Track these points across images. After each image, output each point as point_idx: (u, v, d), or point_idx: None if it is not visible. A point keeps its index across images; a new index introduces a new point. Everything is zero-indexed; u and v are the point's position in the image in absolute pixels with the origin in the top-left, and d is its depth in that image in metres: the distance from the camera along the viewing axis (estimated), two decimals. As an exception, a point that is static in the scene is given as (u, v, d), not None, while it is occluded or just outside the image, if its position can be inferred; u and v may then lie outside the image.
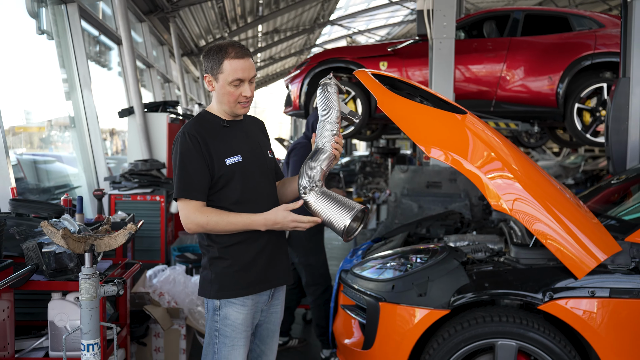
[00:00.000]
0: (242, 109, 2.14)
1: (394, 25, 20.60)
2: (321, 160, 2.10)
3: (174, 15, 11.18)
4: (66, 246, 1.80)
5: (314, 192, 2.03)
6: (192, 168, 2.03)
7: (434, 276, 2.61)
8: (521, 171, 2.54)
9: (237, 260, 2.10)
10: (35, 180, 6.72)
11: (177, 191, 2.04)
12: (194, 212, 2.02)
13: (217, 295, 2.10)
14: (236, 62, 2.05)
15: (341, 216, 1.96)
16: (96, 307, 1.91)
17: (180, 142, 2.06)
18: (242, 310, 2.11)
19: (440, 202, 5.68)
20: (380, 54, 6.45)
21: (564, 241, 2.45)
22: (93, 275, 1.90)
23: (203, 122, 2.13)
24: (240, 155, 2.11)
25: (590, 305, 2.44)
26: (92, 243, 1.89)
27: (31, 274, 2.53)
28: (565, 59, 5.94)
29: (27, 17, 6.41)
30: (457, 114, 2.68)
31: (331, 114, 2.16)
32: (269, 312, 2.27)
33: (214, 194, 2.09)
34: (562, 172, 11.19)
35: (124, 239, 1.98)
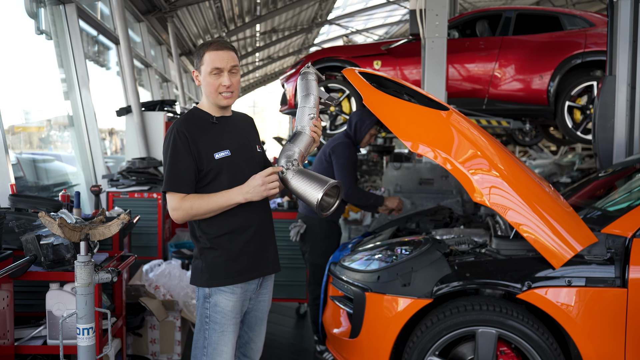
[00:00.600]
0: (224, 99, 2.22)
1: (392, 24, 20.70)
2: (299, 143, 2.23)
3: (172, 15, 11.27)
4: (62, 235, 1.89)
5: (290, 170, 2.16)
6: (180, 163, 2.13)
7: (418, 267, 2.70)
8: (501, 165, 2.64)
9: (227, 250, 2.20)
10: (34, 179, 6.82)
11: (166, 185, 2.14)
12: (180, 201, 2.13)
13: (208, 283, 2.20)
14: (215, 53, 2.17)
15: (314, 190, 2.08)
16: (91, 293, 2.00)
17: (169, 138, 2.17)
18: (232, 298, 2.21)
19: (432, 198, 5.78)
20: (374, 53, 6.54)
21: (542, 233, 2.55)
22: (88, 263, 2.00)
23: (193, 119, 2.23)
24: (228, 150, 2.21)
25: (567, 294, 2.54)
26: (87, 232, 1.98)
27: (29, 265, 2.63)
28: (556, 57, 6.04)
29: (25, 17, 6.51)
30: (441, 111, 2.78)
31: (309, 99, 2.28)
32: (257, 301, 2.37)
33: (203, 187, 2.19)
34: (557, 170, 11.29)
35: (117, 228, 2.08)
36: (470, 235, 3.34)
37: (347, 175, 3.71)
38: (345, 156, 3.75)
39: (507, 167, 2.66)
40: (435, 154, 2.63)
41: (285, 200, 4.97)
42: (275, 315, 4.89)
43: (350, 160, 3.75)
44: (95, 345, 2.05)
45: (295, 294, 4.75)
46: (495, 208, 2.56)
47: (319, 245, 3.84)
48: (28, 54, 6.97)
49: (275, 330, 4.52)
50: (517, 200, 2.59)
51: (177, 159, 2.14)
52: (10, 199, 3.47)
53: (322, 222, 3.83)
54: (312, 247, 3.88)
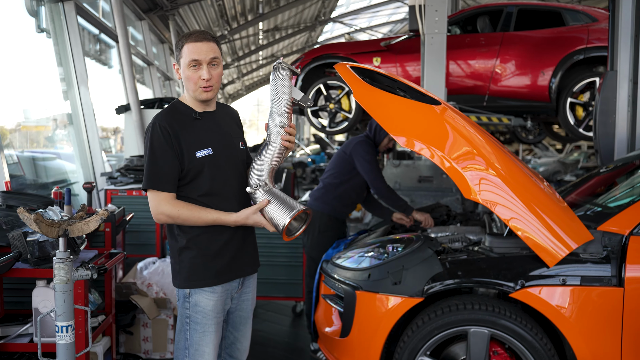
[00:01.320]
0: (204, 93, 2.13)
1: (396, 22, 20.60)
2: (269, 156, 2.14)
3: (174, 13, 11.24)
4: (39, 230, 1.85)
5: (260, 190, 2.10)
6: (162, 160, 2.06)
7: (409, 265, 2.65)
8: (493, 160, 2.58)
9: (204, 250, 2.14)
10: (34, 177, 6.81)
11: (146, 182, 2.07)
12: (165, 203, 2.06)
13: (186, 284, 2.14)
14: (193, 44, 2.08)
15: (282, 215, 2.03)
16: (70, 290, 1.96)
17: (152, 133, 2.09)
18: (212, 297, 2.15)
19: (431, 196, 5.72)
20: (374, 49, 6.48)
21: (536, 230, 2.49)
22: (67, 259, 1.95)
23: (175, 113, 2.15)
24: (210, 148, 2.14)
25: (561, 293, 2.48)
26: (65, 228, 1.94)
27: (15, 261, 2.59)
28: (558, 53, 5.96)
29: (26, 15, 6.50)
30: (433, 105, 2.72)
31: (280, 104, 2.14)
32: (240, 300, 2.31)
33: (183, 185, 2.12)
34: (561, 168, 11.19)
35: (96, 224, 2.04)
36: (466, 233, 3.28)
37: (374, 174, 3.72)
38: (371, 155, 3.76)
39: (499, 162, 2.60)
40: (426, 149, 2.57)
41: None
42: (271, 314, 4.85)
43: (374, 158, 3.77)
44: (74, 344, 2.00)
45: (292, 292, 4.70)
46: (487, 204, 2.50)
47: (317, 238, 3.84)
48: (28, 52, 6.97)
49: (271, 329, 4.48)
50: (510, 196, 2.53)
51: (159, 154, 2.07)
52: (1, 196, 3.44)
53: (324, 216, 3.81)
54: (311, 240, 3.89)
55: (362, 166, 3.76)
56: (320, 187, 3.94)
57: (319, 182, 4.00)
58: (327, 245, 3.78)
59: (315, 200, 3.90)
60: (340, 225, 3.94)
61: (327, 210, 3.83)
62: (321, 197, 3.88)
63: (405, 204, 3.77)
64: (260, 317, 4.76)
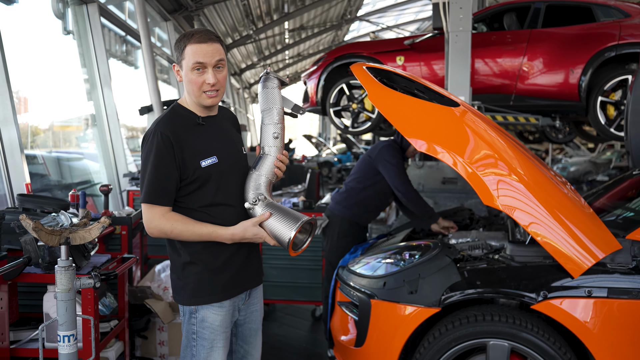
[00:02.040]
0: (208, 98, 2.01)
1: (424, 20, 20.35)
2: (265, 169, 2.06)
3: (198, 13, 11.29)
4: (40, 239, 1.82)
5: (259, 205, 2.02)
6: (162, 171, 1.94)
7: (425, 273, 2.55)
8: (516, 164, 2.46)
9: (209, 265, 2.03)
10: (58, 177, 6.89)
11: (144, 195, 1.95)
12: (159, 217, 1.95)
13: (191, 301, 2.03)
14: (197, 46, 1.94)
15: (286, 229, 1.94)
16: (72, 299, 1.92)
17: (152, 141, 1.95)
18: (220, 312, 2.06)
19: (456, 198, 5.58)
20: (397, 48, 6.36)
21: (559, 238, 2.36)
22: (68, 268, 1.91)
23: (177, 119, 2.02)
24: (215, 156, 2.02)
25: (586, 305, 2.34)
26: (67, 236, 1.90)
27: (24, 267, 2.57)
28: (588, 50, 5.74)
29: (53, 18, 6.59)
30: (451, 107, 2.61)
31: (272, 114, 2.06)
32: (249, 312, 2.21)
33: (186, 195, 2.01)
34: (592, 168, 10.87)
35: (97, 232, 1.99)
36: (488, 239, 3.15)
37: (401, 177, 3.60)
38: (397, 159, 3.64)
39: (523, 167, 2.48)
40: (444, 153, 2.47)
41: (300, 200, 4.85)
42: (291, 318, 4.78)
43: (401, 163, 3.65)
44: (77, 353, 1.96)
45: (311, 296, 4.63)
46: (507, 210, 2.38)
47: (335, 243, 3.77)
48: (56, 54, 7.08)
49: (289, 333, 4.41)
50: (533, 202, 2.40)
51: (160, 166, 1.93)
52: (18, 198, 3.46)
53: (344, 221, 3.73)
54: (329, 244, 3.82)
55: (386, 169, 3.65)
56: (342, 190, 3.84)
57: (342, 185, 3.91)
58: (346, 251, 3.70)
59: (336, 204, 3.81)
60: (361, 231, 3.84)
61: (347, 215, 3.74)
62: (342, 201, 3.79)
63: (432, 211, 3.64)
64: (279, 321, 4.71)
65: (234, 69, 19.44)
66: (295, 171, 12.19)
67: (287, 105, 2.11)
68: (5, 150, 4.38)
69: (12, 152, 4.40)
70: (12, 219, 3.24)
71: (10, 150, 4.40)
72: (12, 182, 4.39)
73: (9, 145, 4.39)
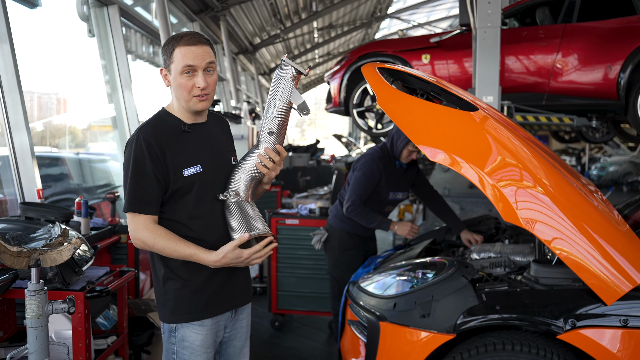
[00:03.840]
0: (199, 102, 1.89)
1: (456, 16, 19.86)
2: (249, 164, 1.93)
3: (224, 13, 11.19)
4: (3, 262, 1.66)
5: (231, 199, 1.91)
6: (145, 179, 1.83)
7: (439, 295, 2.31)
8: (540, 175, 2.19)
9: (190, 281, 1.90)
10: (80, 180, 6.87)
11: (127, 204, 1.84)
12: (143, 228, 1.84)
13: (171, 319, 1.91)
14: (186, 48, 1.84)
15: (239, 231, 1.85)
16: (43, 325, 1.77)
17: (135, 148, 1.84)
18: (201, 331, 1.92)
19: (483, 203, 5.29)
20: (423, 46, 6.08)
21: (591, 259, 2.09)
22: (39, 292, 1.76)
23: (161, 126, 1.91)
24: (199, 165, 1.90)
25: (621, 336, 2.07)
26: (37, 258, 1.74)
27: (11, 282, 2.44)
28: (627, 45, 5.35)
29: (78, 20, 6.59)
30: (468, 111, 2.36)
31: (273, 107, 1.89)
32: (234, 328, 2.06)
33: (168, 206, 1.89)
34: (632, 169, 10.33)
35: (69, 254, 1.83)
36: (512, 254, 2.89)
37: (355, 188, 3.36)
38: (363, 170, 3.39)
39: (547, 177, 2.21)
40: (457, 163, 2.22)
41: (318, 206, 4.64)
42: (307, 329, 4.59)
43: (366, 175, 3.37)
44: (49, 385, 1.81)
45: (327, 306, 4.42)
46: (529, 228, 2.12)
47: (337, 257, 3.56)
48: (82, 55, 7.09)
49: (304, 346, 4.22)
50: (559, 216, 2.14)
51: (142, 173, 1.82)
52: (20, 207, 3.36)
53: (343, 234, 3.51)
54: (332, 259, 3.61)
55: (353, 177, 3.42)
56: (336, 203, 3.63)
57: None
58: (350, 264, 3.48)
59: (333, 217, 3.60)
60: (364, 242, 3.58)
61: (345, 228, 3.51)
62: (337, 213, 3.57)
63: (380, 222, 3.35)
64: (295, 332, 4.52)
65: (263, 68, 19.36)
66: (322, 172, 11.96)
67: (295, 101, 1.91)
68: (16, 155, 4.32)
69: (23, 158, 4.33)
70: (11, 228, 3.15)
71: (21, 155, 4.33)
72: (24, 188, 4.32)
73: (20, 151, 4.32)
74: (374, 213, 3.33)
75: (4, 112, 4.30)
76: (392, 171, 3.40)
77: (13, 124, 4.33)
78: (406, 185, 3.54)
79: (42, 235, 2.62)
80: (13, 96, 4.34)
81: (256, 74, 17.25)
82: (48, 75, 6.69)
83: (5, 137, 4.35)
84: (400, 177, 3.46)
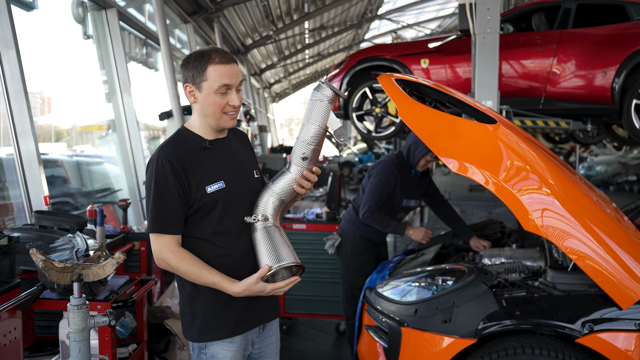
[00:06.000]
0: (229, 120, 1.92)
1: (445, 17, 20.04)
2: (280, 188, 1.88)
3: (218, 15, 11.20)
4: (50, 278, 1.70)
5: (259, 224, 1.89)
6: (168, 199, 1.83)
7: (460, 301, 2.39)
8: (558, 186, 2.28)
9: (218, 298, 1.90)
10: (78, 184, 6.85)
11: (151, 225, 1.84)
12: (167, 250, 1.83)
13: (200, 338, 1.91)
14: (222, 67, 1.85)
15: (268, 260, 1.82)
16: (86, 339, 1.81)
17: (156, 167, 1.84)
18: (231, 347, 1.93)
19: (483, 206, 5.40)
20: (422, 51, 6.17)
21: (606, 265, 2.18)
22: (82, 306, 1.80)
23: (181, 144, 1.91)
24: (222, 181, 1.90)
25: (637, 340, 2.16)
26: (79, 272, 1.79)
27: (39, 294, 2.48)
28: (621, 51, 5.48)
29: (73, 23, 6.57)
30: (487, 124, 2.44)
31: (308, 131, 1.84)
32: (263, 344, 2.07)
33: (191, 223, 1.89)
34: (621, 170, 10.53)
35: (112, 269, 1.88)
36: (523, 259, 2.98)
37: (371, 194, 3.43)
38: (379, 176, 3.46)
39: (564, 188, 2.30)
40: (479, 174, 2.30)
41: (324, 211, 4.70)
42: (314, 332, 4.65)
43: (382, 181, 3.44)
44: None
45: (335, 310, 4.49)
46: (549, 236, 2.21)
47: (350, 262, 3.63)
48: (77, 58, 7.06)
49: (312, 349, 4.28)
50: (575, 224, 2.23)
51: (165, 192, 1.83)
52: (34, 216, 3.37)
53: (356, 239, 3.59)
54: (344, 263, 3.69)
55: (369, 183, 3.49)
56: (350, 208, 3.71)
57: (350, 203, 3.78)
58: (363, 268, 3.56)
59: (346, 222, 3.68)
60: (377, 247, 3.66)
61: (358, 233, 3.59)
62: (351, 219, 3.65)
63: (396, 227, 3.43)
64: (301, 335, 4.58)
65: (254, 69, 19.36)
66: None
67: (332, 126, 1.87)
68: (23, 161, 4.32)
69: (30, 164, 4.33)
70: (28, 237, 3.16)
71: (28, 162, 4.33)
72: (30, 194, 4.32)
73: (26, 157, 4.32)
74: (390, 218, 3.41)
75: (10, 118, 4.31)
76: (407, 178, 3.48)
77: (20, 131, 4.33)
78: (419, 193, 3.61)
79: (63, 246, 2.66)
80: (19, 102, 4.34)
81: (248, 75, 17.25)
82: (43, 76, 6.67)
83: (12, 143, 4.35)
84: (414, 185, 3.54)
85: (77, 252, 2.45)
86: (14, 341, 2.46)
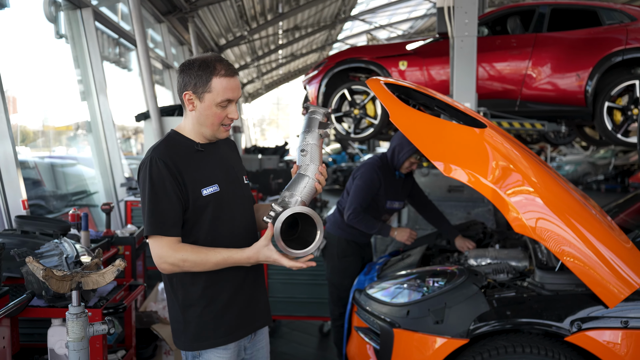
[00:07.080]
0: (224, 132, 1.91)
1: (417, 19, 20.26)
2: (301, 189, 1.83)
3: (193, 15, 11.11)
4: (50, 287, 1.68)
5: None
6: (165, 200, 1.79)
7: (452, 302, 2.43)
8: (545, 189, 2.34)
9: (212, 304, 1.88)
10: (53, 186, 6.71)
11: (149, 228, 1.79)
12: (167, 250, 1.78)
13: (192, 346, 1.88)
14: (227, 80, 1.83)
15: None
16: (85, 347, 1.78)
17: (150, 168, 1.80)
18: (225, 355, 1.91)
19: (462, 207, 5.48)
20: (400, 53, 6.23)
21: (593, 265, 2.25)
22: (81, 315, 1.77)
23: (174, 146, 1.88)
24: (217, 184, 1.88)
25: (623, 337, 2.24)
26: (78, 280, 1.76)
27: (28, 302, 2.43)
28: (594, 55, 5.64)
29: (45, 21, 6.43)
30: (475, 128, 2.49)
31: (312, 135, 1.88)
32: (255, 349, 2.06)
33: (186, 227, 1.86)
34: (591, 170, 10.81)
35: (112, 276, 1.86)
36: (508, 259, 3.04)
37: (356, 196, 3.45)
38: (364, 178, 3.48)
39: (551, 191, 2.36)
40: (466, 175, 2.35)
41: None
42: (297, 334, 4.66)
43: (366, 183, 3.47)
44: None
45: (318, 311, 4.51)
46: (539, 236, 2.27)
47: (336, 264, 3.65)
48: (49, 57, 6.92)
49: (297, 351, 4.29)
50: (562, 226, 2.29)
51: (162, 194, 1.78)
52: (16, 221, 3.30)
53: (341, 241, 3.61)
54: (330, 266, 3.70)
55: (354, 185, 3.51)
56: (335, 211, 3.73)
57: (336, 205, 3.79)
58: (349, 270, 3.58)
59: (332, 225, 3.69)
60: (361, 249, 3.69)
61: (344, 235, 3.61)
62: (336, 221, 3.66)
63: (381, 228, 3.46)
64: (285, 337, 4.58)
65: (226, 69, 19.24)
66: (290, 174, 12.02)
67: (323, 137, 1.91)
68: (0, 164, 4.22)
69: (7, 168, 4.23)
70: (10, 243, 3.10)
71: (5, 165, 4.23)
72: (8, 199, 4.23)
73: (4, 160, 4.22)
74: (374, 220, 3.44)
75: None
76: (391, 180, 3.51)
77: (-4, 134, 4.23)
78: (403, 195, 3.65)
79: (50, 252, 2.60)
80: (-6, 104, 4.25)
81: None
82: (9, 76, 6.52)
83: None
84: (398, 186, 3.58)
85: (66, 258, 2.41)
86: (2, 350, 2.42)
